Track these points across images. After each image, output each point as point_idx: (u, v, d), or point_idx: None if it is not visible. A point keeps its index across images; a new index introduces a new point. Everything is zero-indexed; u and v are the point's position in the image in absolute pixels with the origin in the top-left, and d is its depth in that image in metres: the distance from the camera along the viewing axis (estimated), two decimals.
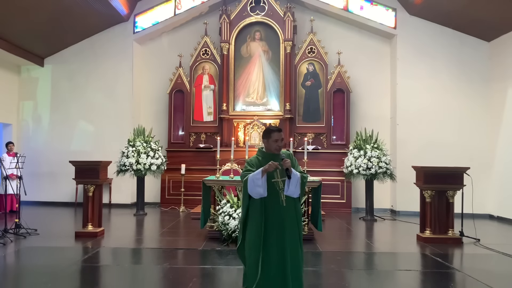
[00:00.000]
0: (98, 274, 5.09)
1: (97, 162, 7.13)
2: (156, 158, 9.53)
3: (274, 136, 3.46)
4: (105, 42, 11.05)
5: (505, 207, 9.31)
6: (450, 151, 9.85)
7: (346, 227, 8.32)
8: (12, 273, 5.12)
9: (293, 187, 3.36)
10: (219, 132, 10.83)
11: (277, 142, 3.46)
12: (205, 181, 6.79)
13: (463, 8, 9.13)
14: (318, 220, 6.41)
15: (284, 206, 3.38)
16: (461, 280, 4.91)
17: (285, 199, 3.39)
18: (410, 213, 9.68)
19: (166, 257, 5.72)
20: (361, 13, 10.71)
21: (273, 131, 3.48)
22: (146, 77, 11.53)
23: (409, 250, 6.35)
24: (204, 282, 4.70)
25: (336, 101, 10.71)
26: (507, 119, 9.38)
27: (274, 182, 3.40)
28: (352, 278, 4.96)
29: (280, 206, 3.38)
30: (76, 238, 6.79)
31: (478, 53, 10.16)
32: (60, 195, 10.84)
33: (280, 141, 3.47)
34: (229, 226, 6.29)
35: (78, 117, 11.03)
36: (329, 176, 10.16)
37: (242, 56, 11.03)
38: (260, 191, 3.34)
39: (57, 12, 9.45)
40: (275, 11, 10.76)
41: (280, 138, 3.47)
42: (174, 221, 8.68)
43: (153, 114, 11.40)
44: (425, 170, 6.93)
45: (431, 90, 10.27)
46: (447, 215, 6.92)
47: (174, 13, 11.13)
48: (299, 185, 3.39)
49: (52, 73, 11.16)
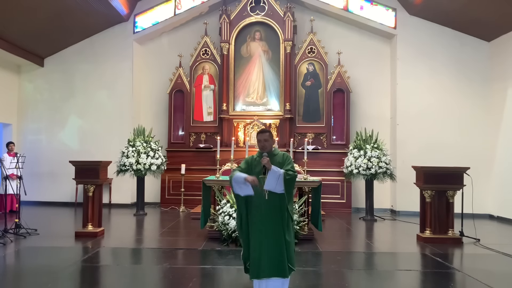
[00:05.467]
0: (98, 274, 5.09)
1: (97, 162, 7.13)
2: (156, 158, 9.53)
3: (258, 137, 3.94)
4: (105, 42, 11.05)
5: (505, 207, 9.31)
6: (450, 151, 9.85)
7: (346, 227, 8.32)
8: (12, 273, 5.12)
9: (272, 182, 3.69)
10: (219, 132, 10.83)
11: (260, 142, 3.89)
12: (205, 181, 6.79)
13: (463, 8, 9.13)
14: (319, 220, 6.45)
15: (266, 199, 3.76)
16: (461, 280, 4.91)
17: (267, 193, 3.75)
18: (410, 213, 9.68)
19: (166, 257, 5.71)
20: (361, 13, 10.71)
21: (258, 133, 3.97)
22: (146, 77, 11.53)
23: (409, 250, 6.35)
24: (204, 282, 4.70)
25: (336, 101, 10.71)
26: (507, 119, 9.38)
27: (260, 178, 3.76)
28: (352, 278, 4.96)
29: (262, 199, 3.76)
30: (76, 238, 6.79)
31: (478, 53, 10.16)
32: (60, 195, 10.85)
33: (263, 141, 3.86)
34: (229, 226, 6.29)
35: (78, 117, 11.03)
36: (329, 176, 10.16)
37: (242, 56, 11.03)
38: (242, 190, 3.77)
39: (57, 12, 9.45)
40: (275, 11, 10.76)
41: (262, 138, 3.87)
42: (174, 221, 8.68)
43: (153, 114, 11.41)
44: (425, 170, 6.93)
45: (431, 90, 10.27)
46: (447, 215, 6.92)
47: (174, 13, 11.13)
48: (281, 181, 3.69)
49: (52, 73, 11.15)
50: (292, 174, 3.78)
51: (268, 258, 3.71)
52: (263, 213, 3.77)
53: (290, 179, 3.75)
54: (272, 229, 3.75)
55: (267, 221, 3.76)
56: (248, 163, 3.97)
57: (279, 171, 3.71)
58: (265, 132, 3.94)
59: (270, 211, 3.77)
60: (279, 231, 3.75)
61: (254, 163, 3.91)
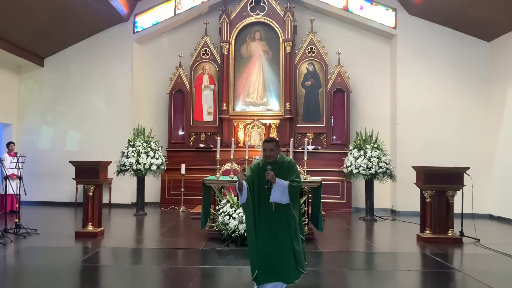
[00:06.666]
0: (98, 274, 5.09)
1: (97, 162, 7.13)
2: (156, 158, 9.53)
3: (263, 145, 3.92)
4: (105, 42, 11.05)
5: (505, 207, 9.31)
6: (450, 151, 9.85)
7: (346, 227, 8.32)
8: (12, 273, 5.11)
9: (277, 195, 3.75)
10: (219, 132, 10.83)
11: (265, 152, 3.88)
12: (205, 181, 6.79)
13: (463, 8, 9.13)
14: (319, 220, 6.43)
15: (273, 211, 3.81)
16: (461, 280, 4.91)
17: (274, 205, 3.80)
18: (410, 213, 9.68)
19: (166, 257, 5.71)
20: (361, 13, 10.71)
21: (264, 142, 3.96)
22: (146, 77, 11.53)
23: (409, 250, 6.35)
24: (204, 282, 4.70)
25: (336, 101, 10.71)
26: (507, 119, 9.37)
27: (266, 189, 3.80)
28: (352, 278, 4.96)
29: (270, 210, 3.82)
30: (76, 238, 6.79)
31: (478, 53, 10.16)
32: (60, 195, 10.84)
33: (269, 150, 3.85)
34: (229, 226, 6.29)
35: (78, 117, 11.02)
36: (329, 176, 10.15)
37: (242, 56, 11.03)
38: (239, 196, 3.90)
39: (57, 12, 9.45)
40: (275, 11, 10.76)
41: (268, 148, 3.86)
42: (174, 221, 8.68)
43: (153, 114, 11.41)
44: (425, 170, 6.93)
45: (431, 90, 10.27)
46: (447, 215, 6.92)
47: (174, 13, 11.13)
48: (286, 193, 3.75)
49: (52, 73, 11.15)
50: (296, 185, 3.82)
51: (274, 267, 3.77)
52: (271, 224, 3.82)
53: (295, 191, 3.81)
54: (279, 239, 3.80)
55: (275, 231, 3.81)
56: (253, 171, 3.95)
57: (284, 184, 3.75)
58: (271, 141, 3.91)
59: (278, 221, 3.82)
60: (286, 240, 3.81)
61: (259, 172, 3.89)
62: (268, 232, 3.81)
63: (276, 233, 3.80)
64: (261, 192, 3.86)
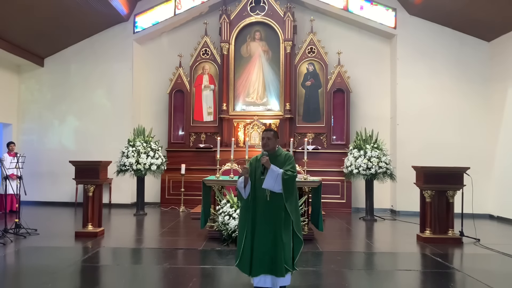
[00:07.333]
0: (98, 274, 5.09)
1: (97, 162, 7.13)
2: (156, 158, 9.53)
3: (262, 134, 4.06)
4: (105, 42, 11.05)
5: (505, 207, 9.31)
6: (450, 151, 9.85)
7: (346, 227, 8.32)
8: (12, 273, 5.11)
9: (270, 181, 3.80)
10: (219, 132, 10.83)
11: (263, 140, 3.99)
12: (205, 181, 6.79)
13: (463, 8, 9.13)
14: (319, 220, 6.44)
15: (268, 200, 3.86)
16: (461, 280, 4.91)
17: (269, 194, 3.85)
18: (410, 213, 9.68)
19: (166, 257, 5.71)
20: (361, 13, 10.71)
21: (263, 131, 4.12)
22: (146, 77, 11.53)
23: (409, 250, 6.35)
24: (204, 282, 4.70)
25: (336, 101, 10.71)
26: (507, 119, 9.37)
27: (262, 179, 3.86)
28: (352, 278, 4.96)
29: (265, 200, 3.87)
30: (76, 238, 6.79)
31: (478, 53, 10.16)
32: (60, 195, 10.85)
33: (266, 139, 3.96)
34: (229, 226, 6.29)
35: (78, 117, 11.03)
36: (329, 176, 10.15)
37: (242, 56, 11.03)
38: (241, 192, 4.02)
39: (57, 12, 9.45)
40: (275, 11, 10.76)
41: (266, 136, 3.98)
42: (174, 221, 8.68)
43: (153, 114, 11.41)
44: (425, 170, 6.93)
45: (431, 90, 10.27)
46: (447, 215, 6.92)
47: (174, 13, 11.13)
48: (280, 180, 3.79)
49: (52, 73, 11.15)
50: (290, 174, 3.85)
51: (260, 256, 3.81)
52: (261, 213, 3.87)
53: (288, 179, 3.83)
54: (268, 229, 3.84)
55: (270, 222, 3.84)
56: (251, 164, 4.04)
57: (278, 171, 3.81)
58: (270, 130, 4.06)
59: (269, 211, 3.86)
60: (276, 231, 3.83)
61: (256, 164, 3.98)
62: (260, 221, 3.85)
63: (267, 224, 3.84)
64: (257, 182, 3.92)
